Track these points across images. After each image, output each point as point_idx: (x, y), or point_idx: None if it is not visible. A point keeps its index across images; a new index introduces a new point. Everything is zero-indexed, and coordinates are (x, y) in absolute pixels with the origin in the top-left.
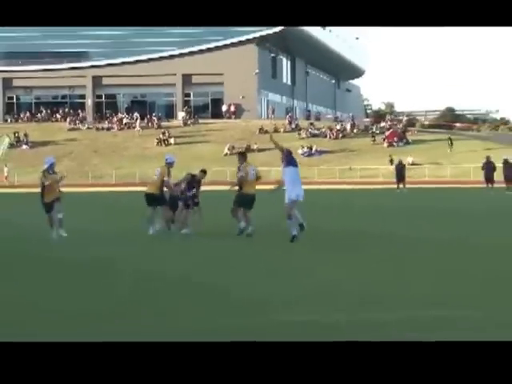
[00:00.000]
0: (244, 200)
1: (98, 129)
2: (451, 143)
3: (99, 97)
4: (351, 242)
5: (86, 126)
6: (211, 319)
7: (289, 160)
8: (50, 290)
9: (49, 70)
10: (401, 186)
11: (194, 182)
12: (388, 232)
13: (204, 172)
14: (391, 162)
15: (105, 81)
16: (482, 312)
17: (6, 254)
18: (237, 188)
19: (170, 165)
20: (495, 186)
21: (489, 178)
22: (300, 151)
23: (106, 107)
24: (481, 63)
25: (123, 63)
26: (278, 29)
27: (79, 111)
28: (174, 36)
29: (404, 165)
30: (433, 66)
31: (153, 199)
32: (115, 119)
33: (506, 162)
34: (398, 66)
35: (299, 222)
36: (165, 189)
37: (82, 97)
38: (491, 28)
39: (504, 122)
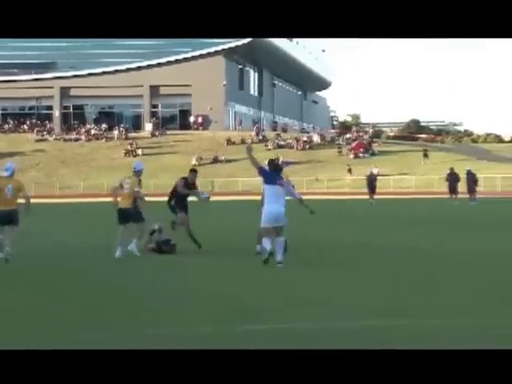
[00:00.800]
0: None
1: (65, 140)
2: (426, 155)
3: (67, 108)
4: (327, 252)
5: (54, 136)
6: (193, 326)
7: (264, 176)
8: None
9: (16, 80)
10: (371, 196)
11: (189, 185)
12: (362, 241)
13: (194, 171)
14: (349, 171)
15: (72, 92)
16: (456, 320)
17: None
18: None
19: (138, 173)
20: (459, 196)
21: (453, 189)
22: (267, 162)
23: (73, 118)
24: (445, 76)
25: (91, 74)
26: (245, 41)
27: (46, 122)
28: (141, 47)
29: (375, 176)
30: (398, 79)
31: (127, 215)
32: (83, 130)
33: (469, 173)
34: (364, 78)
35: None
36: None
37: (50, 108)
38: (455, 41)
39: (467, 133)
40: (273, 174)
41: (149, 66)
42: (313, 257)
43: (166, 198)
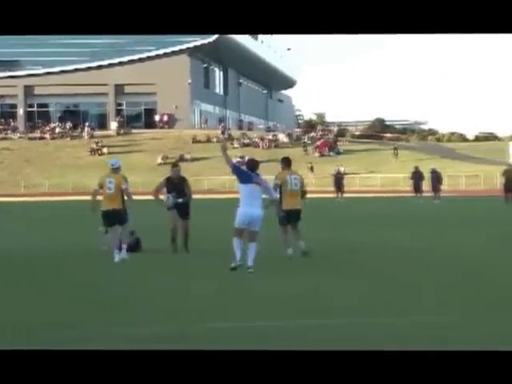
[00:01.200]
0: (286, 216)
1: (30, 138)
2: (396, 153)
3: (31, 106)
4: (296, 250)
5: (18, 135)
6: (146, 326)
7: (238, 175)
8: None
9: None
10: (339, 194)
11: (173, 183)
12: (331, 239)
13: (176, 166)
14: (311, 169)
15: (37, 90)
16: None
17: None
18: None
19: (117, 170)
20: (423, 195)
21: (417, 188)
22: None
23: (37, 116)
24: (410, 74)
25: (55, 72)
26: (210, 39)
27: (10, 120)
28: (106, 46)
29: (342, 174)
30: (362, 77)
31: (115, 217)
32: (47, 128)
33: (433, 172)
34: (329, 76)
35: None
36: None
37: (14, 106)
38: (419, 39)
39: (432, 132)
40: (248, 172)
41: (113, 65)
42: (282, 255)
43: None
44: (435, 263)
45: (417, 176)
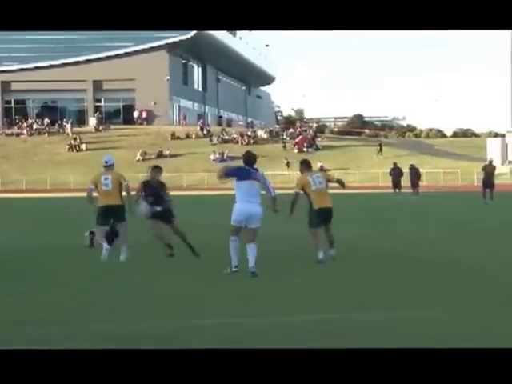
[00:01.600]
0: (316, 218)
1: (7, 134)
2: (381, 149)
3: (8, 102)
4: (281, 247)
5: None
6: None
7: (234, 175)
8: None
9: None
10: None
11: (152, 187)
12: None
13: (156, 167)
14: (288, 165)
15: (14, 86)
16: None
17: None
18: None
19: (110, 167)
20: (402, 191)
21: (396, 184)
22: (212, 157)
23: (15, 113)
24: (388, 71)
25: (33, 68)
26: (188, 35)
27: None
28: (84, 41)
29: (325, 170)
30: (341, 74)
31: (117, 213)
32: (25, 125)
33: (412, 168)
34: (307, 72)
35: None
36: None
37: None
38: (397, 37)
39: (410, 128)
40: (245, 168)
41: (92, 61)
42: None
43: None
44: (421, 258)
45: (396, 172)
